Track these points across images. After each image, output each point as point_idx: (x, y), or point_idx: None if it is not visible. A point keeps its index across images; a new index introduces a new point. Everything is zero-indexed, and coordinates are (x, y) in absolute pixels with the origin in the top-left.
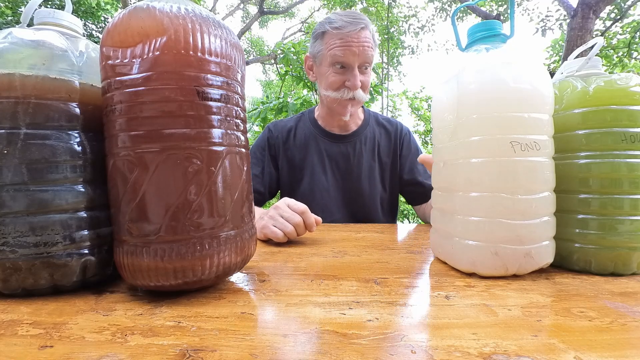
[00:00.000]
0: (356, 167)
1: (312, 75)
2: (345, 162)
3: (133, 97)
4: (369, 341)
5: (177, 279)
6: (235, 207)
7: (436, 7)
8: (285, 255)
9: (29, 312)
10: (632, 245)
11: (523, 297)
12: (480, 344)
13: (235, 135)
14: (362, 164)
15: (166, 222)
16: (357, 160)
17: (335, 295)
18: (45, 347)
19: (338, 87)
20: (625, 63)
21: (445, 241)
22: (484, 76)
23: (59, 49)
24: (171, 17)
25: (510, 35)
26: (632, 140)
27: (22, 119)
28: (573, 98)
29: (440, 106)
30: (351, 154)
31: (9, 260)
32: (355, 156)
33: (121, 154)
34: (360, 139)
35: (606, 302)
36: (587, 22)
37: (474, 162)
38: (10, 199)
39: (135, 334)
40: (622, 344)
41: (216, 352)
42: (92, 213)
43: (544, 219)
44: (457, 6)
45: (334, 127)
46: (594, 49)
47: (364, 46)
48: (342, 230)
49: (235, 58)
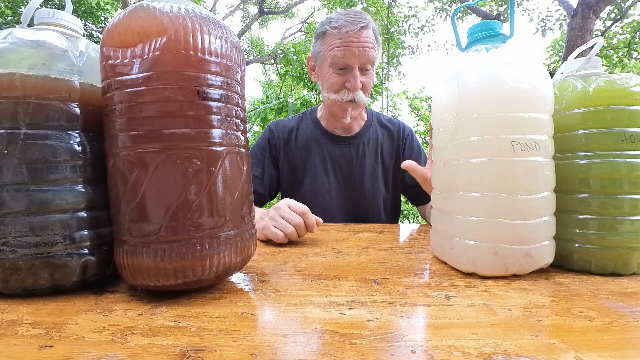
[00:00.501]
0: (359, 169)
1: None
2: (348, 164)
3: (133, 97)
4: (369, 341)
5: (177, 279)
6: (235, 207)
7: (436, 7)
8: (285, 255)
9: (29, 312)
10: (632, 245)
11: (523, 297)
12: (480, 344)
13: (235, 135)
14: (365, 166)
15: (166, 222)
16: (360, 162)
17: (335, 295)
18: (45, 347)
19: (338, 89)
20: (625, 63)
21: (445, 241)
22: (484, 76)
23: (59, 49)
24: (171, 17)
25: (510, 35)
26: (632, 140)
27: (22, 119)
28: (573, 98)
29: (440, 106)
30: (354, 156)
31: (9, 260)
32: (359, 158)
33: (121, 154)
34: (364, 140)
35: (606, 302)
36: (587, 22)
37: (474, 162)
38: (10, 199)
39: (135, 334)
40: (622, 344)
41: (216, 352)
42: (92, 213)
43: (544, 219)
44: (457, 6)
45: (337, 129)
46: (594, 49)
47: (364, 46)
48: (342, 230)
49: (235, 58)
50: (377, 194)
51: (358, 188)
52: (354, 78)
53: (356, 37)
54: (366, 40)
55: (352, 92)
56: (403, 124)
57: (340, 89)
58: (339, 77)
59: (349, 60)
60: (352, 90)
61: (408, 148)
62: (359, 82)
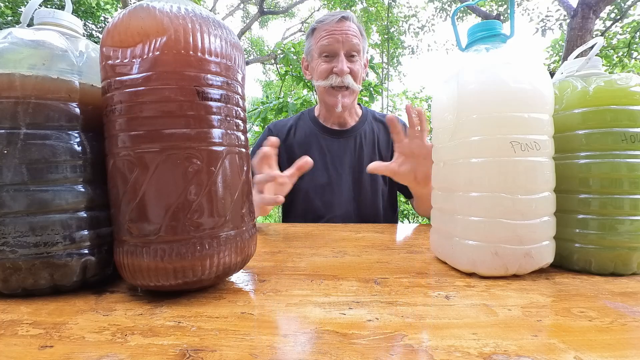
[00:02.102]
0: (357, 161)
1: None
2: (347, 156)
3: (133, 97)
4: (369, 341)
5: (177, 279)
6: (235, 207)
7: (436, 7)
8: (285, 255)
9: (29, 312)
10: (632, 245)
11: (523, 297)
12: (480, 344)
13: (236, 135)
14: (364, 157)
15: (166, 222)
16: (359, 154)
17: (335, 295)
18: (45, 347)
19: (327, 75)
20: (625, 63)
21: (445, 241)
22: (484, 76)
23: (59, 49)
24: (171, 17)
25: (510, 35)
26: (632, 140)
27: (22, 119)
28: (573, 98)
29: (440, 106)
30: (352, 148)
31: (9, 260)
32: (356, 150)
33: (121, 154)
34: (360, 133)
35: (606, 302)
36: (587, 22)
37: (474, 162)
38: (10, 199)
39: (135, 334)
40: (622, 344)
41: (216, 352)
42: (92, 213)
43: (544, 219)
44: (457, 6)
45: (334, 124)
46: (594, 49)
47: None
48: (342, 230)
49: (235, 58)
50: (375, 185)
51: (357, 179)
52: (340, 62)
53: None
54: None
55: (340, 77)
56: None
57: (329, 74)
58: (326, 64)
59: (333, 47)
60: (339, 74)
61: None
62: (345, 66)
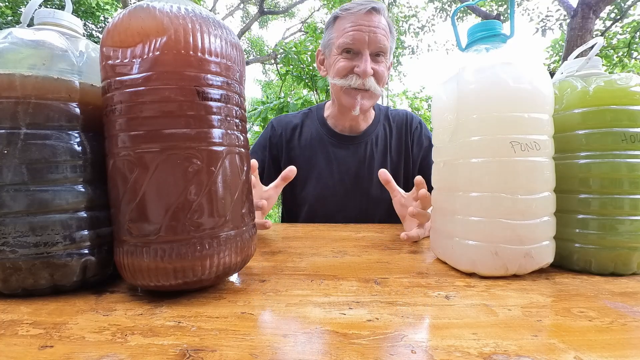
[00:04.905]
0: (367, 171)
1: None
2: (355, 166)
3: (133, 97)
4: (369, 341)
5: (177, 279)
6: (235, 207)
7: (436, 7)
8: (285, 255)
9: (29, 312)
10: (632, 245)
11: (523, 297)
12: (480, 344)
13: (235, 135)
14: (374, 167)
15: (166, 222)
16: (369, 163)
17: (335, 295)
18: (45, 347)
19: (346, 73)
20: (625, 63)
21: (445, 241)
22: (484, 76)
23: (59, 49)
24: (171, 17)
25: (510, 35)
26: (632, 140)
27: (22, 119)
28: (573, 98)
29: (440, 106)
30: (362, 157)
31: (9, 260)
32: (366, 159)
33: (121, 154)
34: (372, 138)
35: (606, 302)
36: (587, 22)
37: (474, 162)
38: (11, 199)
39: (135, 334)
40: (622, 344)
41: (216, 352)
42: (92, 213)
43: (544, 219)
44: (457, 6)
45: (345, 128)
46: (594, 49)
47: (376, 32)
48: (342, 230)
49: (235, 58)
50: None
51: (366, 191)
52: (364, 62)
53: (367, 20)
54: (378, 25)
55: (362, 79)
56: (411, 115)
57: (349, 74)
58: (347, 62)
59: (359, 44)
60: (362, 75)
61: (417, 143)
62: (369, 67)
